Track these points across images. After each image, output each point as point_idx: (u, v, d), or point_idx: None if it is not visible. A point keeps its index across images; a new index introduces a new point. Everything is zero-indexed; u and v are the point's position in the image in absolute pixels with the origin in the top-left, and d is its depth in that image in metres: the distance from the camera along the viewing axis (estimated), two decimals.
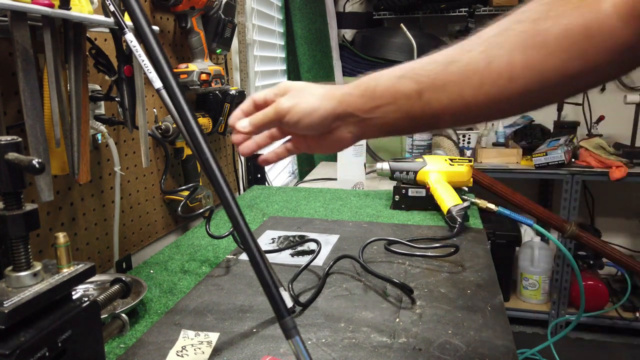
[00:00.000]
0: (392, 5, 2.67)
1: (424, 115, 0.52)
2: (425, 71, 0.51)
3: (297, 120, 0.57)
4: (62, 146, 0.73)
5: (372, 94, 0.54)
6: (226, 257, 1.00)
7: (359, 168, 1.66)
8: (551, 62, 0.44)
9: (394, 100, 0.53)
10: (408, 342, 0.67)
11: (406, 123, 0.54)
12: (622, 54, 0.42)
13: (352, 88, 0.56)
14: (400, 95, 0.52)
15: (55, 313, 0.47)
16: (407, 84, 0.52)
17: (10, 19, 0.63)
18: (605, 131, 2.66)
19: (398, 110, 0.53)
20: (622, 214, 2.93)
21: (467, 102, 0.49)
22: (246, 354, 0.65)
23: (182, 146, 1.17)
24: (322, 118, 0.56)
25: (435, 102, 0.51)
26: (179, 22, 1.16)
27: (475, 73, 0.47)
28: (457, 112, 0.50)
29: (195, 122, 0.59)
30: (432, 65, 0.51)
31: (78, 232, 0.90)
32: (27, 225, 0.45)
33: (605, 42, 0.42)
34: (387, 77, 0.53)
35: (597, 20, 0.42)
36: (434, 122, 0.53)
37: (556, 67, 0.44)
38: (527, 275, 2.68)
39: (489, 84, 0.47)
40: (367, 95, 0.54)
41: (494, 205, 1.20)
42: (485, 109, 0.49)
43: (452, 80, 0.49)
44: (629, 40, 0.42)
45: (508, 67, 0.46)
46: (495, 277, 0.87)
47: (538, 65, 0.45)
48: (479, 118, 0.53)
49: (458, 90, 0.49)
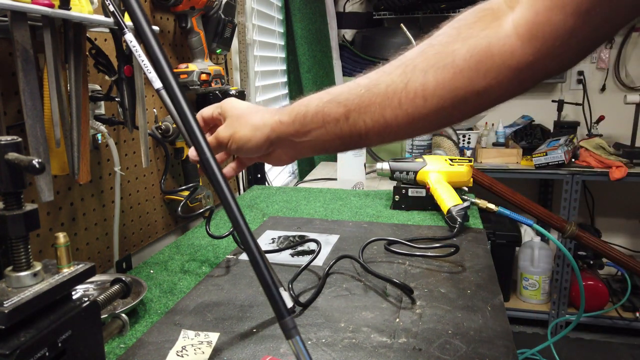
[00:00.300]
0: (392, 5, 2.67)
1: (352, 135, 0.55)
2: (351, 95, 0.54)
3: (237, 148, 0.62)
4: (62, 146, 0.73)
5: (303, 120, 0.57)
6: (226, 257, 1.00)
7: (359, 168, 1.66)
8: (460, 80, 0.48)
9: (324, 124, 0.56)
10: (408, 342, 0.67)
11: (336, 143, 0.58)
12: (522, 71, 0.46)
13: (284, 115, 0.59)
14: (329, 119, 0.55)
15: (55, 313, 0.47)
16: (335, 108, 0.55)
17: (10, 19, 0.63)
18: (605, 131, 2.67)
19: (327, 133, 0.56)
20: (622, 214, 2.93)
21: (388, 122, 0.52)
22: (246, 354, 0.65)
23: (182, 146, 1.17)
24: (257, 146, 0.61)
25: (361, 123, 0.54)
26: (179, 22, 1.16)
27: (394, 94, 0.51)
28: (381, 131, 0.53)
29: (195, 122, 0.59)
30: (357, 89, 0.54)
31: (78, 232, 0.90)
32: (27, 225, 0.45)
33: (506, 60, 0.46)
34: (316, 103, 0.56)
35: (498, 41, 0.46)
36: (361, 142, 0.57)
37: (465, 85, 0.48)
38: (527, 275, 2.69)
39: (407, 104, 0.50)
40: (298, 121, 0.58)
41: (494, 205, 1.20)
42: (406, 127, 0.52)
43: (375, 102, 0.52)
44: (528, 59, 0.45)
45: (422, 87, 0.49)
46: (495, 277, 0.87)
47: (448, 84, 0.48)
48: (401, 135, 0.56)
49: (380, 111, 0.52)
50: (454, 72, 0.48)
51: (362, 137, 0.55)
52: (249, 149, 0.61)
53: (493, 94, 0.48)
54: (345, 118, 0.54)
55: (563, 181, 2.43)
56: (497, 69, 0.46)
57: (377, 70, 0.54)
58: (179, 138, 1.12)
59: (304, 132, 0.58)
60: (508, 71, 0.46)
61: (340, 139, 0.56)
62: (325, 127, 0.56)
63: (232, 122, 0.62)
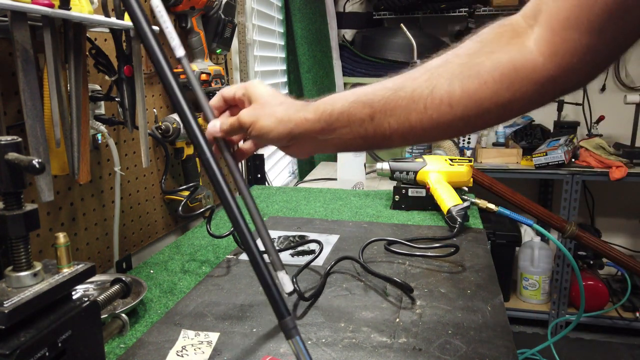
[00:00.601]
0: (392, 5, 2.67)
1: (376, 136, 0.56)
2: (377, 97, 0.55)
3: (257, 136, 0.61)
4: (62, 146, 0.73)
5: (329, 119, 0.57)
6: (226, 257, 1.00)
7: (359, 168, 1.66)
8: (485, 91, 0.50)
9: (349, 123, 0.57)
10: (408, 342, 0.67)
11: (359, 142, 0.58)
12: (544, 85, 0.49)
13: (309, 112, 0.59)
14: (354, 119, 0.56)
15: (55, 313, 0.47)
16: (360, 109, 0.56)
17: (10, 19, 0.63)
18: (605, 131, 2.66)
19: (352, 132, 0.57)
20: (622, 214, 2.93)
21: (413, 125, 0.54)
22: (246, 354, 0.65)
23: (182, 146, 1.17)
24: (278, 139, 0.61)
25: (386, 125, 0.55)
26: (179, 22, 1.16)
27: (420, 99, 0.52)
28: (405, 133, 0.55)
29: (196, 122, 0.59)
30: (383, 91, 0.55)
31: (78, 232, 0.90)
32: (27, 225, 0.45)
33: (529, 75, 0.49)
34: (342, 103, 0.57)
35: (522, 57, 0.49)
36: (385, 142, 0.58)
37: (489, 97, 0.50)
38: (527, 275, 2.68)
39: (432, 109, 0.52)
40: (324, 120, 0.58)
41: (494, 205, 1.20)
42: (430, 131, 0.54)
43: (400, 105, 0.53)
44: (550, 74, 0.48)
45: (448, 95, 0.51)
46: (495, 277, 0.87)
47: (473, 94, 0.50)
48: (424, 139, 0.57)
49: (405, 114, 0.53)
50: (479, 83, 0.50)
51: (385, 138, 0.56)
52: (269, 139, 0.61)
53: (516, 105, 0.50)
54: (370, 119, 0.55)
55: (563, 181, 2.43)
56: (520, 83, 0.49)
57: (403, 75, 0.55)
58: (179, 138, 1.12)
59: (328, 130, 0.58)
60: (531, 85, 0.49)
61: (363, 138, 0.57)
62: (350, 126, 0.57)
63: (257, 108, 0.61)
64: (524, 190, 2.98)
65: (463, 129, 0.54)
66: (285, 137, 0.60)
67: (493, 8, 2.58)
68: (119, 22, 0.81)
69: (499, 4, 2.56)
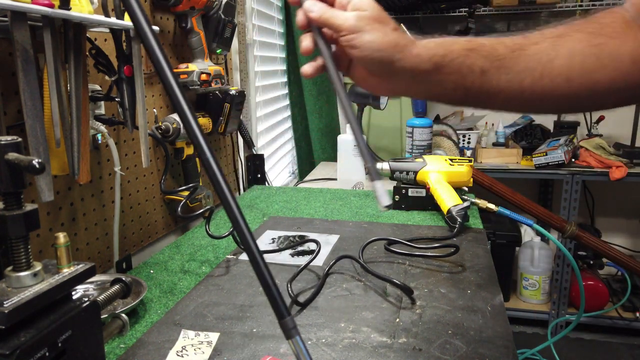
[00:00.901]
0: (392, 5, 2.66)
1: (481, 91, 0.54)
2: (494, 50, 0.53)
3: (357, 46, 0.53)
4: (62, 146, 0.73)
5: (441, 61, 0.54)
6: (226, 257, 1.00)
7: (359, 168, 1.65)
8: (602, 74, 0.50)
9: (458, 71, 0.54)
10: (408, 342, 0.67)
11: (459, 95, 0.55)
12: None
13: (421, 48, 0.54)
14: (465, 69, 0.53)
15: (55, 313, 0.47)
16: (474, 59, 0.53)
17: (10, 19, 0.63)
18: (605, 131, 2.66)
19: (457, 81, 0.54)
20: (622, 214, 2.93)
21: (523, 89, 0.52)
22: (246, 354, 0.65)
23: (182, 146, 1.17)
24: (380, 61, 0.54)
25: (495, 82, 0.53)
26: (179, 22, 1.16)
27: (538, 65, 0.51)
28: (511, 96, 0.53)
29: (196, 122, 0.59)
30: (500, 46, 0.53)
31: (78, 232, 0.90)
32: (27, 225, 0.45)
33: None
34: (458, 48, 0.54)
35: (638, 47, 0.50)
36: (485, 100, 0.55)
37: (605, 80, 0.50)
38: (527, 275, 2.68)
39: (548, 78, 0.51)
40: (434, 61, 0.54)
41: (494, 205, 1.20)
42: (537, 101, 0.53)
43: (517, 66, 0.52)
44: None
45: (567, 69, 0.51)
46: (495, 277, 0.87)
47: (592, 74, 0.50)
48: (525, 108, 0.57)
49: (520, 77, 0.52)
50: (599, 66, 0.50)
51: (489, 96, 0.54)
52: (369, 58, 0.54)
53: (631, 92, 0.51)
54: (481, 72, 0.53)
55: (563, 181, 2.43)
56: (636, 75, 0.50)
57: (521, 35, 0.54)
58: (179, 138, 1.12)
59: (435, 73, 0.54)
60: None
61: (466, 91, 0.54)
62: (458, 74, 0.53)
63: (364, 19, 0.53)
64: (524, 190, 2.98)
65: (567, 106, 0.54)
66: (387, 64, 0.54)
67: (493, 8, 2.58)
68: (119, 22, 0.81)
69: (499, 4, 2.56)
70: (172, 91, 0.59)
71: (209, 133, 1.28)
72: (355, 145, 1.59)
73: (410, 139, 1.81)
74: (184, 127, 0.55)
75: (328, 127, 2.34)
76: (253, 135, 1.77)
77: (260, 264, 0.53)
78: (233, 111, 1.28)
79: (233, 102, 1.26)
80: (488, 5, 2.62)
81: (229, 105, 1.26)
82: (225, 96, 1.26)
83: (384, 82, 0.57)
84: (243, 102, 1.32)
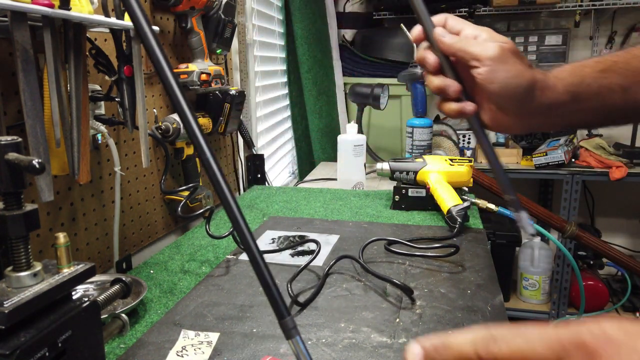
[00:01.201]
0: (392, 5, 2.67)
1: (625, 108, 0.52)
2: (629, 65, 0.51)
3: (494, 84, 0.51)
4: (62, 146, 0.73)
5: (576, 89, 0.52)
6: (226, 257, 1.00)
7: (359, 168, 1.65)
8: None
9: (598, 94, 0.52)
10: (408, 342, 0.67)
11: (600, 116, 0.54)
12: None
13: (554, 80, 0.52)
14: (604, 89, 0.52)
15: (55, 313, 0.47)
16: (612, 78, 0.52)
17: (10, 19, 0.63)
18: (605, 131, 2.66)
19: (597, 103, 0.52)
20: (622, 214, 2.93)
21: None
22: (246, 354, 0.65)
23: (182, 146, 1.17)
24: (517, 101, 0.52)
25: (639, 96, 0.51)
26: (179, 22, 1.16)
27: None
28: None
29: (196, 122, 0.59)
30: (634, 60, 0.52)
31: (78, 232, 0.90)
32: (27, 225, 0.45)
33: None
34: (590, 72, 0.52)
35: None
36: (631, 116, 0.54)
37: None
38: (527, 275, 2.69)
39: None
40: (570, 92, 0.52)
41: (494, 205, 1.20)
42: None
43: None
44: None
45: None
46: (495, 277, 0.87)
47: None
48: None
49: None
50: None
51: (636, 112, 0.52)
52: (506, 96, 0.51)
53: None
54: (622, 89, 0.51)
55: (563, 181, 2.43)
56: None
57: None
58: (179, 138, 1.12)
59: (573, 101, 0.52)
60: None
61: (608, 110, 0.53)
62: (596, 99, 0.52)
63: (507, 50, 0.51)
64: (524, 190, 2.99)
65: None
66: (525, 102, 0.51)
67: (493, 8, 2.58)
68: (119, 22, 0.81)
69: (499, 4, 2.56)
70: (172, 91, 0.59)
71: (209, 133, 1.28)
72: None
73: (410, 139, 1.81)
74: (184, 127, 0.55)
75: (328, 127, 2.34)
76: (253, 135, 1.77)
77: (260, 264, 0.53)
78: (233, 111, 1.28)
79: (233, 102, 1.26)
80: (488, 5, 2.62)
81: (229, 105, 1.26)
82: (225, 96, 1.26)
83: (517, 119, 0.54)
84: (243, 102, 1.33)
